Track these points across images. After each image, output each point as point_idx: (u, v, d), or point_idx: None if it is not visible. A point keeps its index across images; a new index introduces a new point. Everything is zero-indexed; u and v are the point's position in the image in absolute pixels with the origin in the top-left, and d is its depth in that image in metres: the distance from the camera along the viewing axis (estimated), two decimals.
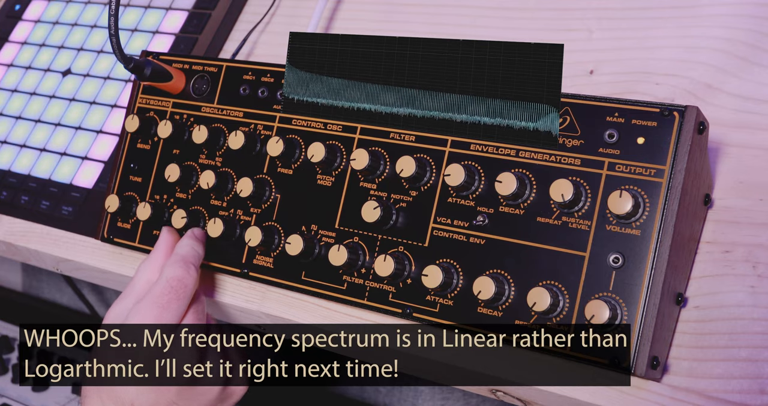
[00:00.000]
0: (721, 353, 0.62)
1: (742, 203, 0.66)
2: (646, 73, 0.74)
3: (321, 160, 0.73)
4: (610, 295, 0.61)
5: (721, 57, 0.72)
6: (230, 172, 0.79)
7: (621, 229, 0.62)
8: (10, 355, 1.23)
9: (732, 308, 0.63)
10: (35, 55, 1.06)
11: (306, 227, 0.75)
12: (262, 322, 0.81)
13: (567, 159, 0.65)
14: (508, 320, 0.65)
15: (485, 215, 0.67)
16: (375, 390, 1.26)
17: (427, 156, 0.70)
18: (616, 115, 0.63)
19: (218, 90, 0.82)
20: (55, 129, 0.99)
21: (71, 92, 1.00)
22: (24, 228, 0.94)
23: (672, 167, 0.61)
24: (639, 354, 0.60)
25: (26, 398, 1.16)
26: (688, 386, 0.62)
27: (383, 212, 0.70)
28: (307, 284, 0.74)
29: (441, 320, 0.68)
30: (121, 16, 1.02)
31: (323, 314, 0.75)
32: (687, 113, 0.61)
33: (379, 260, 0.69)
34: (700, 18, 0.75)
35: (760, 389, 0.60)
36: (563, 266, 0.63)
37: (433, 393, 1.22)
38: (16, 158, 0.99)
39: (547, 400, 0.67)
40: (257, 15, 0.95)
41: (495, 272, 0.66)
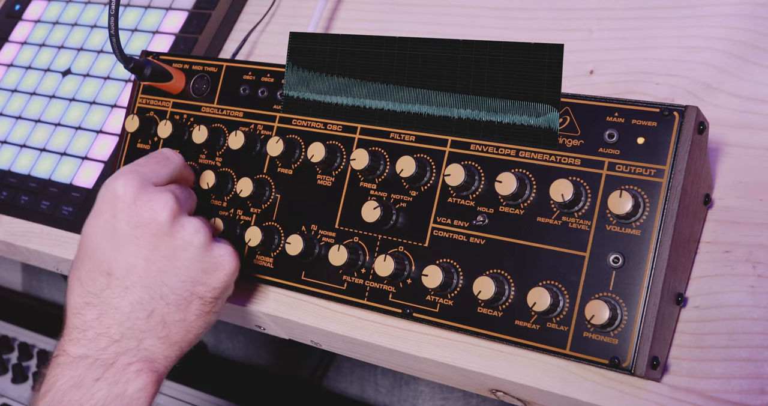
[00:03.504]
0: (721, 353, 0.62)
1: (742, 203, 0.66)
2: (646, 73, 0.74)
3: (321, 160, 0.73)
4: (610, 295, 0.61)
5: (721, 57, 0.72)
6: (230, 172, 0.79)
7: (621, 229, 0.62)
8: (10, 355, 1.23)
9: (732, 308, 0.63)
10: (35, 55, 1.06)
11: (306, 227, 0.75)
12: (261, 322, 0.81)
13: (567, 159, 0.65)
14: (508, 320, 0.65)
15: (485, 215, 0.67)
16: (375, 390, 1.27)
17: (427, 156, 0.70)
18: (616, 115, 0.63)
19: (218, 90, 0.82)
20: (55, 129, 0.99)
21: (71, 92, 1.00)
22: (24, 228, 0.94)
23: (672, 167, 0.61)
24: (639, 354, 0.60)
25: (26, 398, 1.16)
26: (688, 386, 0.62)
27: (383, 212, 0.70)
28: (307, 284, 0.74)
29: (441, 320, 0.68)
30: (121, 16, 1.02)
31: (323, 314, 0.75)
32: (687, 113, 0.61)
33: (379, 260, 0.69)
34: (700, 18, 0.75)
35: (760, 389, 0.60)
36: (563, 266, 0.63)
37: (433, 393, 1.22)
38: (16, 158, 0.99)
39: (547, 400, 0.67)
40: (257, 15, 0.95)
41: (495, 272, 0.66)
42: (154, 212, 0.69)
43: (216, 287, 0.71)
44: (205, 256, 0.71)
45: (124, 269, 0.69)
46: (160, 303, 0.69)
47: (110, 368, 0.67)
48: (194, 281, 0.70)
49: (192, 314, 0.71)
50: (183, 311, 0.70)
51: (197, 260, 0.70)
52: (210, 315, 0.72)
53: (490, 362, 0.67)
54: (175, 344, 0.70)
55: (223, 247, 0.72)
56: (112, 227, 0.70)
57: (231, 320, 0.86)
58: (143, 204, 0.69)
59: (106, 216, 0.70)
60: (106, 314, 0.69)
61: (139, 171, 0.71)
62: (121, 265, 0.69)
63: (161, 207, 0.69)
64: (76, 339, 0.69)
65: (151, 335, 0.69)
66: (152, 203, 0.69)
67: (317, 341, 0.80)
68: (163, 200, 0.70)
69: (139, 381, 0.67)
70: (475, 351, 0.68)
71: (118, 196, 0.70)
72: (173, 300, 0.70)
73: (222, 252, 0.71)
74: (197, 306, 0.71)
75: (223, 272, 0.71)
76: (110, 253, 0.70)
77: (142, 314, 0.69)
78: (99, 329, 0.69)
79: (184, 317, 0.70)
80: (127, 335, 0.68)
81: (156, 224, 0.69)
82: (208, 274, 0.71)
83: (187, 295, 0.70)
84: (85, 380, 0.67)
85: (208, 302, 0.71)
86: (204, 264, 0.71)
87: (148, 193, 0.70)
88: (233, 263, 0.72)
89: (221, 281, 0.71)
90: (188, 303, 0.70)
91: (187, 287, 0.70)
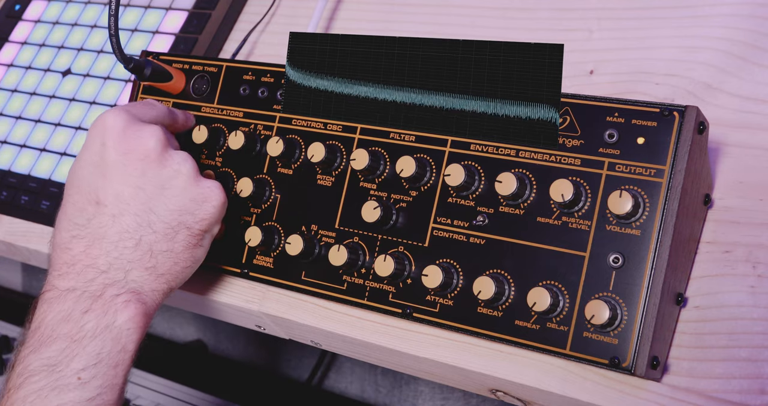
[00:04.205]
0: (721, 353, 0.62)
1: (742, 203, 0.66)
2: (646, 73, 0.74)
3: (321, 160, 0.73)
4: (610, 295, 0.61)
5: (721, 57, 0.72)
6: (230, 172, 0.79)
7: (621, 229, 0.62)
8: (10, 355, 1.23)
9: (732, 308, 0.63)
10: (35, 55, 1.06)
11: (306, 227, 0.75)
12: (262, 322, 0.81)
13: (567, 159, 0.65)
14: (508, 320, 0.65)
15: (485, 215, 0.67)
16: (375, 390, 1.27)
17: (427, 156, 0.70)
18: (616, 115, 0.63)
19: (218, 90, 0.82)
20: (55, 129, 0.99)
21: (71, 92, 1.00)
22: (24, 228, 0.94)
23: (672, 167, 0.61)
24: (639, 354, 0.60)
25: None
26: (688, 386, 0.62)
27: (383, 212, 0.70)
28: (307, 284, 0.74)
29: (441, 320, 0.68)
30: (121, 16, 1.02)
31: (323, 314, 0.75)
32: (687, 113, 0.61)
33: (379, 260, 0.69)
34: (700, 18, 0.75)
35: (760, 389, 0.60)
36: (563, 266, 0.63)
37: (433, 393, 1.22)
38: (16, 158, 0.99)
39: (547, 400, 0.67)
40: (257, 15, 0.95)
41: (495, 272, 0.66)
42: (143, 139, 0.70)
43: (204, 219, 0.72)
44: (194, 185, 0.71)
45: (112, 197, 0.70)
46: (148, 230, 0.70)
47: (98, 300, 0.67)
48: (182, 210, 0.71)
49: (179, 244, 0.71)
50: (170, 240, 0.70)
51: (185, 189, 0.71)
52: (197, 249, 0.72)
53: (490, 362, 0.67)
54: (162, 277, 0.70)
55: (211, 181, 0.73)
56: (100, 157, 0.71)
57: (231, 320, 0.86)
58: (132, 132, 0.71)
59: (94, 147, 0.71)
60: (94, 244, 0.69)
61: (127, 108, 0.73)
62: (109, 192, 0.70)
63: (149, 135, 0.71)
64: (65, 273, 0.69)
65: (138, 265, 0.69)
66: (141, 132, 0.71)
67: (317, 341, 0.80)
68: (150, 130, 0.71)
69: (128, 312, 0.68)
70: (475, 351, 0.68)
71: (107, 127, 0.71)
72: (161, 228, 0.70)
73: (210, 184, 0.72)
74: (184, 236, 0.71)
75: (211, 203, 0.72)
76: (99, 181, 0.70)
77: (129, 242, 0.69)
78: (86, 261, 0.69)
79: (171, 247, 0.70)
80: (115, 265, 0.69)
81: (145, 150, 0.70)
82: (196, 203, 0.71)
83: (175, 224, 0.70)
84: (73, 313, 0.67)
85: (195, 234, 0.72)
86: (192, 193, 0.71)
87: (137, 124, 0.71)
88: (221, 196, 0.72)
89: (209, 213, 0.72)
90: (175, 233, 0.71)
91: (175, 216, 0.70)
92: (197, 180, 0.72)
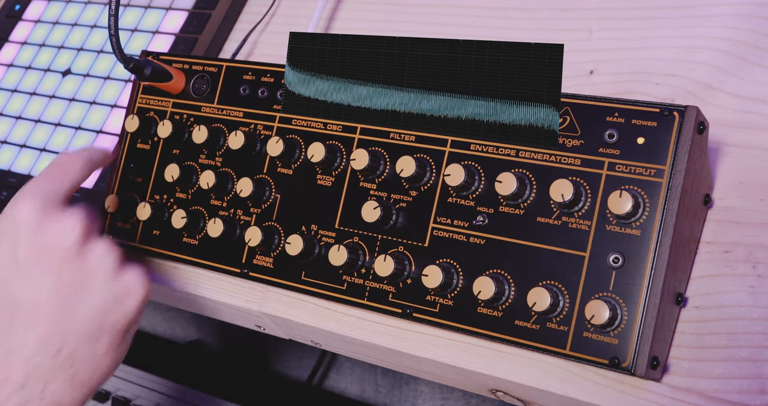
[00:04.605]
0: (721, 353, 0.62)
1: (742, 203, 0.66)
2: (646, 73, 0.74)
3: (321, 160, 0.73)
4: (610, 295, 0.61)
5: (721, 57, 0.72)
6: (230, 172, 0.79)
7: (621, 229, 0.62)
8: None
9: (732, 308, 0.63)
10: (35, 55, 1.06)
11: (306, 227, 0.75)
12: (261, 322, 0.81)
13: (567, 159, 0.65)
14: (508, 320, 0.65)
15: (485, 215, 0.67)
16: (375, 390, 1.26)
17: (427, 156, 0.70)
18: (616, 115, 0.63)
19: (218, 90, 0.82)
20: (55, 129, 0.99)
21: (71, 92, 1.00)
22: None
23: (672, 167, 0.61)
24: (639, 354, 0.60)
25: None
26: (688, 386, 0.62)
27: (383, 212, 0.70)
28: (307, 284, 0.74)
29: (441, 320, 0.68)
30: (121, 16, 1.02)
31: (323, 314, 0.75)
32: (687, 113, 0.61)
33: (379, 260, 0.69)
34: (700, 18, 0.75)
35: (761, 389, 0.60)
36: (563, 266, 0.63)
37: (433, 393, 1.22)
38: (16, 158, 0.99)
39: (547, 400, 0.67)
40: (257, 15, 0.95)
41: (495, 272, 0.66)
42: (61, 233, 0.66)
43: (127, 314, 0.68)
44: (116, 280, 0.67)
45: (30, 302, 0.65)
46: (69, 336, 0.65)
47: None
48: (104, 309, 0.66)
49: (102, 346, 0.67)
50: (92, 344, 0.66)
51: (107, 284, 0.67)
52: (119, 350, 0.68)
53: (490, 362, 0.67)
54: (83, 385, 0.66)
55: (133, 271, 0.69)
56: (14, 256, 0.65)
57: (231, 320, 0.86)
58: (49, 226, 0.66)
59: (8, 243, 0.66)
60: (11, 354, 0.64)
61: (39, 189, 0.67)
62: (26, 297, 0.65)
63: (69, 228, 0.66)
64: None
65: (59, 374, 0.64)
66: (58, 224, 0.66)
67: (317, 341, 0.80)
68: (69, 221, 0.66)
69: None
70: (475, 351, 0.68)
71: (18, 223, 0.66)
72: (82, 331, 0.65)
73: (132, 276, 0.68)
74: (107, 338, 0.67)
75: (135, 296, 0.68)
76: (14, 284, 0.65)
77: (50, 348, 0.64)
78: (2, 373, 0.63)
79: (93, 351, 0.66)
80: (33, 376, 0.64)
81: (62, 248, 0.65)
82: (118, 301, 0.67)
83: (96, 325, 0.66)
84: None
85: (118, 332, 0.67)
86: (114, 289, 0.67)
87: (53, 215, 0.66)
88: (144, 287, 0.69)
89: (133, 307, 0.68)
90: (99, 334, 0.66)
91: (96, 317, 0.66)
92: (120, 273, 0.68)
